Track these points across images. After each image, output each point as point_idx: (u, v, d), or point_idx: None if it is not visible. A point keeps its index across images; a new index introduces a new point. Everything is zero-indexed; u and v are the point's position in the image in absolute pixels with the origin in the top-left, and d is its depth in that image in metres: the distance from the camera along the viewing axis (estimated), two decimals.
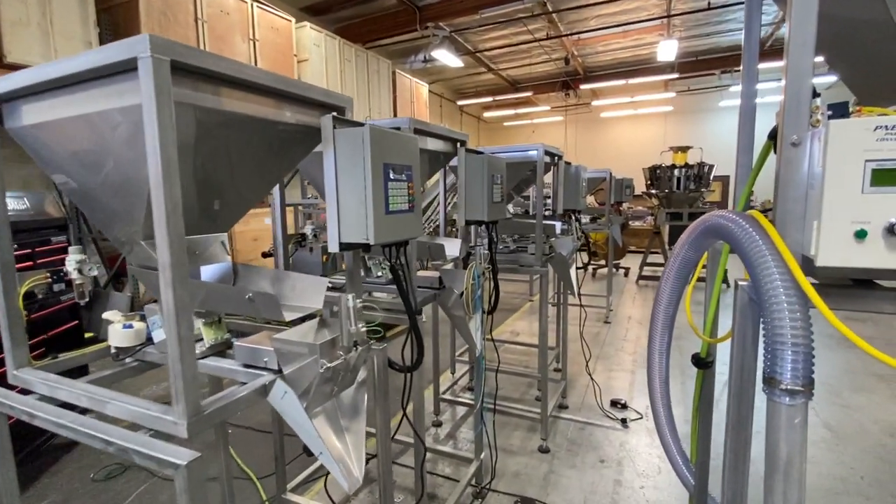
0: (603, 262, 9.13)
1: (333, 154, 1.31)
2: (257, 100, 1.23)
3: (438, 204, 3.47)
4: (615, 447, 3.29)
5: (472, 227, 2.62)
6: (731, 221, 0.92)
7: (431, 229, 6.84)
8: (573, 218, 3.86)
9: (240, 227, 5.35)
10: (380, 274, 2.34)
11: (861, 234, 0.73)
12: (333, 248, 1.38)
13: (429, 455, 3.15)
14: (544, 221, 3.27)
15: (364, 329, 1.31)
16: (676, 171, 8.47)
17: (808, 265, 0.81)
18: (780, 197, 0.87)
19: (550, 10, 9.24)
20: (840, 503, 2.67)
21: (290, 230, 3.31)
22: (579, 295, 3.96)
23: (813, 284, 0.82)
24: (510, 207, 4.63)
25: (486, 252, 2.33)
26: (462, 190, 2.32)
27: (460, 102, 15.92)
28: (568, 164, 3.76)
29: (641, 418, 3.64)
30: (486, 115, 17.64)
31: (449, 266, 2.35)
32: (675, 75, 12.26)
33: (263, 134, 1.37)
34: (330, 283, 2.09)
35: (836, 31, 1.08)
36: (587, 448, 3.29)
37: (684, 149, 9.24)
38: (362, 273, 2.31)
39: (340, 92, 6.61)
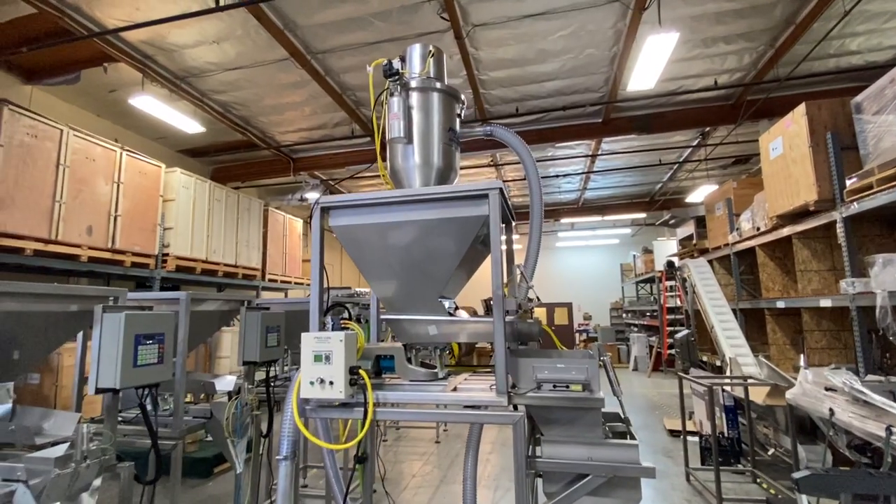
0: None
1: (100, 331, 2.08)
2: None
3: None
4: None
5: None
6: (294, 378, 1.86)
7: None
8: None
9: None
10: (166, 409, 2.95)
11: (312, 383, 1.70)
12: (91, 391, 2.06)
13: None
14: None
15: (99, 447, 1.96)
16: None
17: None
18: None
19: None
20: None
21: None
22: None
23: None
24: None
25: (251, 386, 3.08)
26: (241, 338, 3.13)
27: None
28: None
29: None
30: None
31: (223, 399, 3.04)
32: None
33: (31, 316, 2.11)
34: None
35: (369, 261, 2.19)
36: None
37: None
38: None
39: (208, 226, 7.41)
